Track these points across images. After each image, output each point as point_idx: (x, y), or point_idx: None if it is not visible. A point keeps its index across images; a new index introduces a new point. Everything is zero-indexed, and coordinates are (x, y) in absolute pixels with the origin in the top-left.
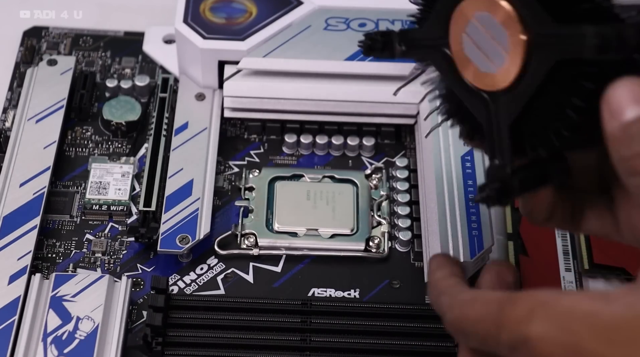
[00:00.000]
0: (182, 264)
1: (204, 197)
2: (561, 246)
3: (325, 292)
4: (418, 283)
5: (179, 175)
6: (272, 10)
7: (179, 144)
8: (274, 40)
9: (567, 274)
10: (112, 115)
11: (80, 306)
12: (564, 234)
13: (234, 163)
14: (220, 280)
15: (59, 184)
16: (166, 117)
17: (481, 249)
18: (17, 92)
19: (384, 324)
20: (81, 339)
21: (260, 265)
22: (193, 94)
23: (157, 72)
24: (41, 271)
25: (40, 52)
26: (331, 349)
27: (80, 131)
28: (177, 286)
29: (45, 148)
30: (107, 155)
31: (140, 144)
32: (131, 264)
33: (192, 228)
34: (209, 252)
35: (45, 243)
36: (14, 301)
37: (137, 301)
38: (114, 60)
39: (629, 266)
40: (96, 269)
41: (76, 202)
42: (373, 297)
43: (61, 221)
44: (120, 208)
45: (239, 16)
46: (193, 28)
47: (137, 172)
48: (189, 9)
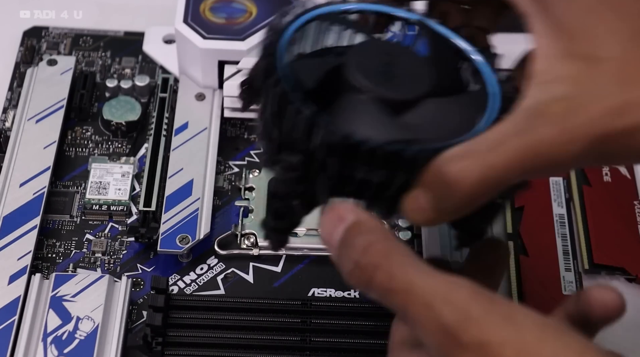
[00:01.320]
0: (182, 264)
1: (204, 197)
2: (561, 246)
3: (325, 292)
4: None
5: (179, 175)
6: (272, 10)
7: (179, 144)
8: None
9: (567, 274)
10: (112, 115)
11: (80, 306)
12: (564, 234)
13: (234, 163)
14: (220, 280)
15: (59, 184)
16: (166, 117)
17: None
18: (17, 92)
19: (384, 324)
20: (81, 339)
21: (260, 265)
22: (193, 94)
23: (157, 72)
24: (41, 271)
25: (40, 52)
26: (331, 349)
27: (80, 131)
28: (177, 286)
29: (45, 148)
30: (107, 155)
31: (140, 144)
32: (131, 264)
33: (192, 228)
34: (209, 252)
35: (45, 243)
36: (14, 301)
37: (137, 301)
38: (114, 60)
39: (629, 266)
40: (96, 269)
41: (76, 202)
42: None
43: (61, 221)
44: (120, 208)
45: (239, 16)
46: (193, 28)
47: (137, 172)
48: (189, 9)
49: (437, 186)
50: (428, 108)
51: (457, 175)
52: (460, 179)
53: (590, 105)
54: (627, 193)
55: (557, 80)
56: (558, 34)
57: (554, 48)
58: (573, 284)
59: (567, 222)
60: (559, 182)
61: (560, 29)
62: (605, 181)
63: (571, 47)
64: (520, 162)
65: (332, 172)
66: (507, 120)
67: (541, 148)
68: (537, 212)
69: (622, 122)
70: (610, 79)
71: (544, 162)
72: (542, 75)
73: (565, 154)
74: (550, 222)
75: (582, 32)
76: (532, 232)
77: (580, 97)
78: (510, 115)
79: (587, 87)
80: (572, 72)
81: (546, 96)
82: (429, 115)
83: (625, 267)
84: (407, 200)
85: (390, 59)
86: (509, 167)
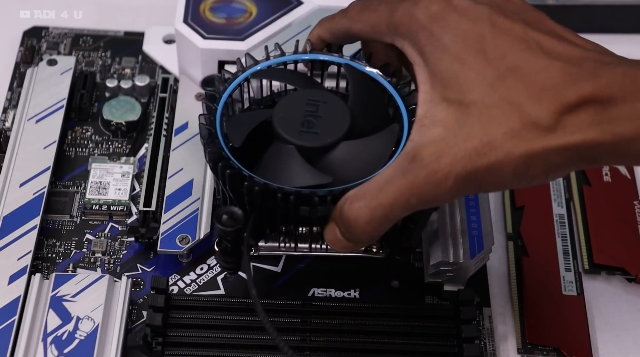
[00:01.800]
0: (182, 264)
1: (204, 197)
2: (561, 246)
3: (325, 292)
4: (418, 283)
5: (179, 175)
6: (272, 10)
7: (179, 144)
8: (274, 40)
9: (567, 274)
10: (112, 115)
11: (80, 306)
12: (564, 234)
13: None
14: (220, 280)
15: (59, 184)
16: (166, 117)
17: (481, 249)
18: (17, 92)
19: (384, 323)
20: (81, 339)
21: (260, 265)
22: (193, 94)
23: (157, 72)
24: (41, 271)
25: (40, 52)
26: (331, 349)
27: (80, 131)
28: (177, 286)
29: (45, 148)
30: (107, 155)
31: (140, 144)
32: (131, 264)
33: (192, 228)
34: (209, 252)
35: (45, 243)
36: (14, 301)
37: (137, 301)
38: (114, 60)
39: (629, 266)
40: (96, 269)
41: (76, 202)
42: (373, 297)
43: (61, 221)
44: (120, 208)
45: (239, 16)
46: (193, 28)
47: (137, 172)
48: (189, 9)
49: (342, 222)
50: (342, 151)
51: (354, 214)
52: (357, 217)
53: (456, 147)
54: (627, 193)
55: (433, 124)
56: (435, 81)
57: (431, 94)
58: (573, 284)
59: (567, 222)
60: (559, 182)
61: (436, 76)
62: (605, 181)
63: (445, 93)
64: (403, 201)
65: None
66: (394, 163)
67: (416, 189)
68: (537, 212)
69: (483, 161)
70: (475, 121)
71: (422, 199)
72: (422, 120)
73: (437, 191)
74: (550, 222)
75: (453, 79)
76: (532, 232)
77: (449, 140)
78: (397, 157)
79: (456, 130)
80: (445, 116)
81: (422, 140)
82: (343, 156)
83: (625, 267)
84: (326, 231)
85: (314, 109)
86: (394, 205)
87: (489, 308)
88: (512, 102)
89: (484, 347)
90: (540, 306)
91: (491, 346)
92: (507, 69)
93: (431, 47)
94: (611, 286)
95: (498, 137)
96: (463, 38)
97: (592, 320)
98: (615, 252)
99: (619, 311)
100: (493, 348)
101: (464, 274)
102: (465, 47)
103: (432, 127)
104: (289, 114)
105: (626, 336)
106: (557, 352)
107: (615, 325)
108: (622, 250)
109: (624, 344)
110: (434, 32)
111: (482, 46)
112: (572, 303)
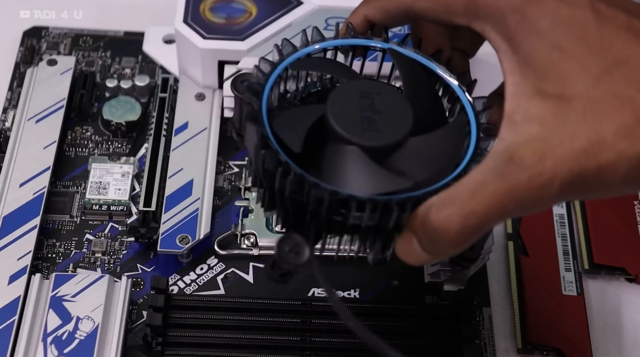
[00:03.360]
0: (182, 264)
1: (204, 197)
2: (561, 246)
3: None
4: (418, 283)
5: (179, 175)
6: (272, 10)
7: (179, 144)
8: (274, 40)
9: (567, 274)
10: (112, 115)
11: (80, 306)
12: (564, 234)
13: (234, 163)
14: (220, 280)
15: (59, 184)
16: (166, 117)
17: (481, 249)
18: (17, 92)
19: (384, 323)
20: (81, 339)
21: (260, 265)
22: (193, 94)
23: (157, 72)
24: (41, 271)
25: (40, 52)
26: (331, 349)
27: (80, 131)
28: (177, 286)
29: (45, 148)
30: (107, 155)
31: (140, 144)
32: (131, 264)
33: (192, 228)
34: (209, 252)
35: (45, 243)
36: (14, 301)
37: (137, 301)
38: (114, 60)
39: (629, 266)
40: (96, 269)
41: (76, 202)
42: (373, 297)
43: (61, 221)
44: (120, 208)
45: (239, 16)
46: (193, 28)
47: (137, 172)
48: (189, 9)
49: (425, 232)
50: (412, 147)
51: (442, 223)
52: (446, 226)
53: (560, 147)
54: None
55: (527, 121)
56: (527, 72)
57: (523, 86)
58: (573, 284)
59: (567, 222)
60: None
61: (529, 66)
62: None
63: (540, 86)
64: (499, 207)
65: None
66: (483, 165)
67: (515, 194)
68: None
69: (592, 163)
70: (579, 118)
71: (521, 206)
72: (512, 116)
73: (539, 196)
74: (550, 222)
75: (550, 70)
76: (532, 232)
77: (550, 139)
78: (487, 158)
79: (556, 127)
80: (541, 112)
81: (516, 139)
82: (414, 154)
83: (625, 267)
84: (399, 242)
85: (370, 102)
86: (489, 212)
87: (489, 308)
88: (623, 96)
89: (484, 347)
90: (540, 306)
91: (491, 346)
92: (615, 60)
93: (524, 32)
94: (611, 286)
95: (609, 136)
96: (563, 24)
97: (592, 320)
98: (615, 252)
99: (619, 311)
100: (493, 348)
101: (464, 274)
102: (566, 34)
103: (526, 125)
104: (344, 109)
105: (626, 336)
106: (557, 352)
107: (615, 325)
108: (622, 250)
109: (624, 344)
110: (528, 15)
111: (585, 34)
112: (572, 303)
